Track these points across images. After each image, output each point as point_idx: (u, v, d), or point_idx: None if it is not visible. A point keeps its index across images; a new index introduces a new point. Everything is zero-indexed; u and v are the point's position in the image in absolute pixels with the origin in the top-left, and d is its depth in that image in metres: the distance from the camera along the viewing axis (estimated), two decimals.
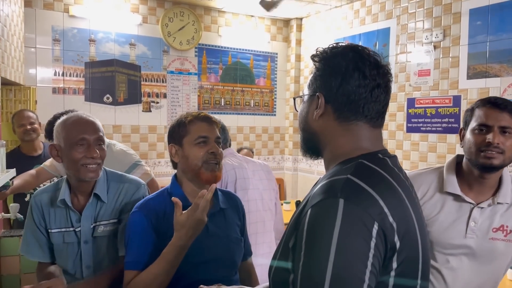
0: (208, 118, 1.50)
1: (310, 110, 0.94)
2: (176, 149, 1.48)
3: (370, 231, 0.74)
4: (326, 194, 0.79)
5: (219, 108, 4.78)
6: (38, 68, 3.84)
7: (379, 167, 0.86)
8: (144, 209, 1.44)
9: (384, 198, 0.78)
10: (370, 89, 0.88)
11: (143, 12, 4.27)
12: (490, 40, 3.08)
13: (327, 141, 0.93)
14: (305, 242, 0.77)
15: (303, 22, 5.08)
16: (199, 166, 1.43)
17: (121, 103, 4.19)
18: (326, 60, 0.93)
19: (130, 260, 1.39)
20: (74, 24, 3.96)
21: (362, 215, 0.75)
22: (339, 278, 0.72)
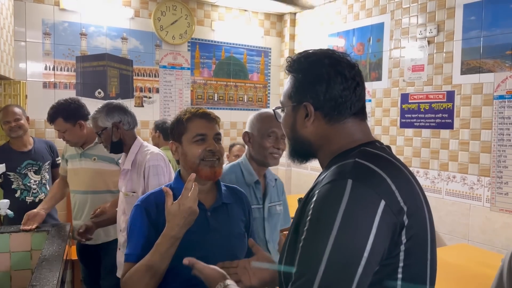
0: (207, 115, 1.49)
1: (298, 120, 0.97)
2: (176, 146, 1.49)
3: (375, 209, 0.77)
4: (335, 176, 0.83)
5: (212, 103, 4.75)
6: (28, 62, 3.78)
7: (382, 152, 0.92)
8: (145, 203, 1.45)
9: (392, 177, 0.82)
10: (353, 89, 0.93)
11: (135, 6, 4.22)
12: (484, 35, 3.07)
13: (321, 144, 0.97)
14: (309, 219, 0.81)
15: (296, 17, 5.06)
16: (197, 163, 1.43)
17: (113, 98, 4.13)
18: (305, 70, 0.96)
19: (128, 253, 1.40)
20: (65, 18, 3.90)
21: (368, 193, 0.79)
22: (338, 253, 0.75)
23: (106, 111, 2.17)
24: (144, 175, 2.10)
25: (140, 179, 2.12)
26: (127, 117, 2.21)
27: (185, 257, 1.33)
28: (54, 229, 2.45)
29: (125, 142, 2.20)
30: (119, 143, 2.19)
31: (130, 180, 2.15)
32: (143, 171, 2.11)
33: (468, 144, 3.19)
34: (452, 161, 3.30)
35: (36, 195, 3.06)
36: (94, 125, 2.20)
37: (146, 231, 1.40)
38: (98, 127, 2.19)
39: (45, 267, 1.99)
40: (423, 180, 3.48)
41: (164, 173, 2.13)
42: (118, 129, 2.18)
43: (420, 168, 3.53)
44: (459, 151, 3.25)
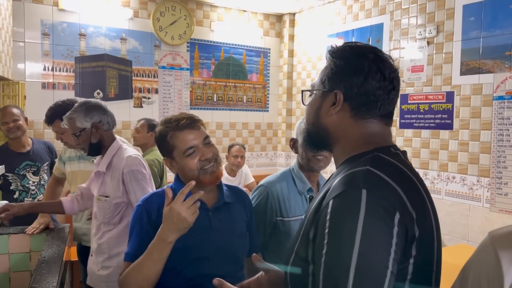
0: (189, 124, 1.43)
1: (324, 106, 0.95)
2: (170, 161, 1.46)
3: (392, 220, 0.76)
4: (348, 185, 0.81)
5: (211, 104, 4.75)
6: (27, 63, 3.77)
7: (394, 159, 0.89)
8: (147, 204, 1.44)
9: (403, 188, 0.81)
10: (387, 91, 0.91)
11: (134, 6, 4.21)
12: (483, 36, 3.08)
13: (339, 136, 0.95)
14: (328, 232, 0.78)
15: (296, 17, 5.05)
16: (196, 174, 1.41)
17: (112, 99, 4.13)
18: (347, 58, 0.93)
19: (127, 252, 1.41)
20: (64, 18, 3.89)
21: (385, 204, 0.77)
22: (365, 265, 0.73)
23: (85, 111, 2.02)
24: (122, 180, 1.99)
25: (114, 183, 2.01)
26: (106, 117, 2.07)
27: (185, 256, 1.34)
28: (54, 231, 2.44)
29: (103, 143, 2.07)
30: (98, 144, 2.06)
31: (103, 184, 2.05)
32: (120, 176, 1.99)
33: (467, 144, 3.19)
34: (452, 162, 3.30)
35: (35, 196, 3.06)
36: (71, 126, 2.04)
37: (145, 231, 1.39)
38: (75, 128, 2.03)
39: (44, 268, 1.98)
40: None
41: (145, 177, 2.03)
42: (97, 130, 2.03)
43: (419, 168, 3.53)
44: (459, 151, 3.25)
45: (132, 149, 2.14)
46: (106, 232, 2.05)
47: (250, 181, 4.36)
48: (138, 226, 1.42)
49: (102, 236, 2.06)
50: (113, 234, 2.04)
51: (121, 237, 2.01)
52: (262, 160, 5.15)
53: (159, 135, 1.47)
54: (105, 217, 2.03)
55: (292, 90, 5.09)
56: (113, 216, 2.02)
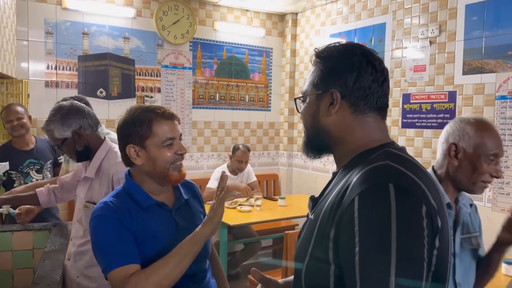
0: (172, 115, 1.41)
1: (321, 108, 0.95)
2: (137, 150, 1.36)
3: (421, 212, 0.76)
4: (372, 180, 0.80)
5: (213, 103, 4.76)
6: (31, 62, 3.79)
7: (404, 154, 0.89)
8: (115, 212, 1.33)
9: (423, 181, 0.81)
10: (381, 83, 0.93)
11: (137, 6, 4.22)
12: (485, 35, 3.08)
13: (342, 136, 0.94)
14: (359, 230, 0.77)
15: (298, 17, 5.06)
16: (167, 168, 1.36)
17: (115, 97, 4.15)
18: (335, 57, 0.95)
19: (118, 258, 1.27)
20: (67, 17, 3.91)
21: (412, 197, 0.77)
22: (405, 260, 0.73)
23: (60, 120, 1.82)
24: (112, 187, 1.83)
25: (102, 189, 1.85)
26: (86, 119, 1.87)
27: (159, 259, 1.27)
28: (56, 228, 2.46)
29: (91, 147, 1.90)
30: (86, 149, 1.89)
31: (90, 189, 1.90)
32: (109, 183, 1.84)
33: None
34: None
35: None
36: (51, 138, 1.87)
37: (126, 235, 1.31)
38: (56, 140, 1.85)
39: (47, 265, 1.99)
40: None
41: None
42: (80, 137, 1.85)
43: None
44: None
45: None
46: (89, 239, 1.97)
47: (252, 180, 4.37)
48: (116, 231, 1.30)
49: (86, 243, 1.92)
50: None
51: None
52: (264, 160, 5.15)
53: (132, 120, 1.36)
54: None
55: (294, 89, 5.10)
56: None
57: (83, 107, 1.90)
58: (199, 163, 4.67)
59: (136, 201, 1.37)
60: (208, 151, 4.73)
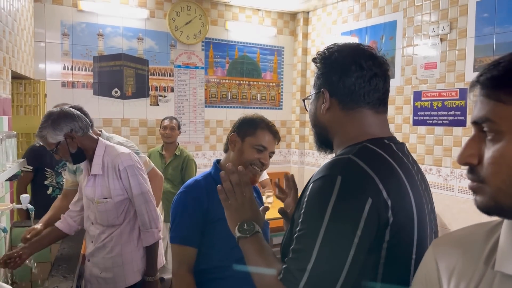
0: (276, 133, 1.67)
1: (318, 106, 1.03)
2: (237, 140, 1.63)
3: (362, 206, 0.83)
4: (326, 171, 0.88)
5: (225, 102, 4.81)
6: (48, 62, 3.89)
7: (382, 150, 0.93)
8: (193, 191, 1.58)
9: (380, 176, 0.86)
10: (368, 79, 0.97)
11: (150, 7, 4.30)
12: (497, 32, 3.06)
13: (336, 130, 1.01)
14: (303, 212, 0.87)
15: (309, 15, 5.08)
16: (246, 165, 1.58)
17: (129, 97, 4.24)
18: (325, 59, 1.02)
19: (178, 235, 1.54)
20: (83, 19, 4.01)
21: (356, 190, 0.84)
22: (329, 245, 0.81)
23: (52, 125, 1.91)
24: (119, 177, 1.98)
25: (111, 182, 1.98)
26: (77, 122, 1.96)
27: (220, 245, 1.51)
28: None
29: (85, 148, 1.99)
30: (80, 151, 1.98)
31: (100, 186, 1.99)
32: (116, 173, 1.97)
33: None
34: None
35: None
36: (45, 144, 1.96)
37: (196, 216, 1.54)
38: (50, 145, 1.94)
39: (63, 259, 2.07)
40: (436, 177, 3.48)
41: (141, 172, 2.03)
42: (73, 139, 1.94)
43: (432, 165, 3.53)
44: None
45: (121, 147, 2.11)
46: (109, 234, 2.03)
47: (264, 177, 4.41)
48: (188, 211, 1.55)
49: (104, 239, 2.03)
50: (116, 233, 2.02)
51: (123, 234, 2.02)
52: (275, 158, 5.19)
53: (249, 119, 1.66)
54: (109, 219, 2.01)
55: (306, 88, 5.12)
56: (118, 216, 2.01)
57: (72, 111, 1.99)
58: (211, 161, 4.72)
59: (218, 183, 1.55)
60: (220, 150, 4.79)
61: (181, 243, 1.55)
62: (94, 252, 2.04)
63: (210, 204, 1.55)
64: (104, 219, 2.01)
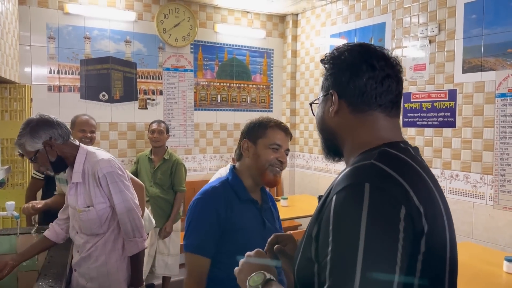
0: (287, 129, 1.64)
1: (325, 109, 0.96)
2: (249, 145, 1.61)
3: (398, 214, 0.74)
4: (350, 179, 0.79)
5: (215, 104, 4.78)
6: (33, 66, 3.82)
7: (403, 154, 0.87)
8: (211, 199, 1.54)
9: (409, 182, 0.78)
10: (380, 80, 0.91)
11: (138, 9, 4.26)
12: (485, 33, 3.08)
13: (346, 135, 0.94)
14: (332, 229, 0.76)
15: (298, 18, 5.08)
16: (265, 167, 1.57)
17: (117, 101, 4.18)
18: (334, 59, 0.96)
19: (193, 243, 1.50)
20: (69, 22, 3.94)
21: (389, 198, 0.75)
22: (372, 261, 0.70)
23: (30, 133, 1.86)
24: (99, 184, 1.92)
25: (92, 190, 1.93)
26: (56, 130, 1.90)
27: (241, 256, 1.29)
28: None
29: (66, 156, 1.94)
30: (60, 160, 1.93)
31: (82, 194, 1.95)
32: (96, 181, 1.92)
33: (470, 142, 3.20)
34: (455, 160, 3.31)
35: None
36: (24, 152, 1.90)
37: (212, 226, 1.50)
38: (29, 153, 1.88)
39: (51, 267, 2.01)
40: None
41: (122, 178, 1.96)
42: (52, 147, 1.89)
43: None
44: (462, 149, 3.25)
45: (102, 152, 2.05)
46: (93, 244, 1.99)
47: None
48: (203, 219, 1.50)
49: (89, 249, 1.99)
50: (100, 243, 1.98)
51: (108, 243, 1.98)
52: None
53: (256, 122, 1.63)
54: (93, 228, 1.96)
55: (296, 90, 5.11)
56: (101, 224, 1.96)
57: (52, 118, 1.94)
58: (201, 165, 4.69)
59: (237, 193, 1.58)
60: (210, 153, 4.75)
61: (194, 252, 1.50)
62: (80, 262, 2.00)
63: (229, 213, 1.52)
64: (87, 228, 1.97)
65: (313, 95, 4.82)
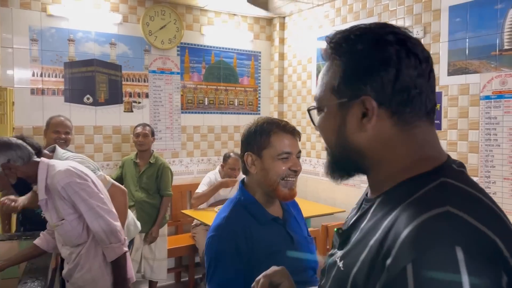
0: (293, 130, 1.42)
1: (350, 121, 0.71)
2: (254, 159, 1.39)
3: (500, 286, 0.56)
4: (431, 242, 0.57)
5: (202, 107, 4.75)
6: (16, 69, 3.75)
7: (466, 184, 0.66)
8: (232, 236, 1.32)
9: (497, 233, 0.59)
10: (428, 76, 0.70)
11: (123, 11, 4.21)
12: (469, 36, 3.10)
13: (381, 156, 0.71)
14: None
15: (286, 20, 5.07)
16: (277, 182, 1.36)
17: (102, 104, 4.12)
18: (361, 51, 0.70)
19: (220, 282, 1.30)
20: (52, 24, 3.88)
21: (490, 267, 0.56)
22: None
23: None
24: (62, 197, 1.90)
25: (59, 203, 1.91)
26: (15, 152, 1.87)
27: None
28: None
29: (29, 175, 1.92)
30: (22, 181, 1.91)
31: (53, 209, 1.95)
32: (59, 194, 1.90)
33: (456, 144, 3.22)
34: None
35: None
36: None
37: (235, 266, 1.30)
38: None
39: (31, 275, 1.97)
40: None
41: (83, 186, 1.91)
42: (11, 169, 1.85)
43: None
44: (448, 151, 3.25)
45: (60, 162, 2.01)
46: (77, 254, 2.00)
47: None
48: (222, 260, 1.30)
49: (75, 259, 2.01)
50: (83, 251, 1.99)
51: (90, 250, 1.99)
52: None
53: (255, 129, 1.40)
54: (73, 239, 1.98)
55: (283, 93, 5.10)
56: (80, 234, 1.97)
57: (10, 140, 1.91)
58: (189, 168, 4.65)
59: (254, 216, 1.38)
60: (198, 156, 4.71)
61: None
62: (69, 272, 2.03)
63: (249, 244, 1.31)
64: (68, 240, 1.99)
65: (301, 97, 4.81)
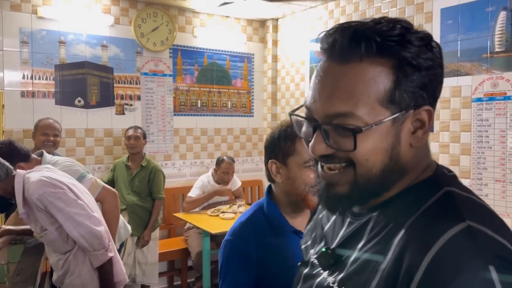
0: None
1: (404, 136, 0.63)
2: (278, 167, 1.30)
3: None
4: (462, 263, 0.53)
5: (195, 110, 4.73)
6: (6, 71, 3.71)
7: (467, 192, 0.63)
8: (240, 240, 1.28)
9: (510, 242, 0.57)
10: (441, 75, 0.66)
11: (115, 13, 4.18)
12: (461, 39, 3.11)
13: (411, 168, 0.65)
14: None
15: (279, 22, 5.07)
16: (306, 191, 1.27)
17: (93, 106, 4.09)
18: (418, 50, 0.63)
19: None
20: (43, 26, 3.84)
21: None
22: None
23: None
24: (40, 209, 1.89)
25: (39, 214, 1.91)
26: None
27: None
28: (32, 242, 2.40)
29: (7, 191, 1.93)
30: (1, 198, 1.92)
31: (34, 221, 1.96)
32: (36, 206, 1.89)
33: (448, 146, 3.22)
34: None
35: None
36: None
37: (246, 273, 1.26)
38: None
39: (20, 280, 1.94)
40: None
41: (57, 196, 1.89)
42: None
43: None
44: (440, 153, 3.27)
45: (34, 173, 1.97)
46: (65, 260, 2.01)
47: (237, 186, 4.37)
48: (234, 267, 1.27)
49: (63, 265, 2.02)
50: (71, 257, 2.00)
51: (78, 256, 1.99)
52: (247, 166, 5.13)
53: (278, 135, 1.31)
54: (60, 247, 1.99)
55: (277, 95, 5.10)
56: (65, 241, 1.98)
57: None
58: (181, 171, 4.63)
59: (272, 226, 1.31)
60: (190, 158, 4.69)
61: None
62: (59, 279, 2.04)
63: (260, 254, 1.25)
64: (55, 248, 2.01)
65: (294, 99, 4.81)
